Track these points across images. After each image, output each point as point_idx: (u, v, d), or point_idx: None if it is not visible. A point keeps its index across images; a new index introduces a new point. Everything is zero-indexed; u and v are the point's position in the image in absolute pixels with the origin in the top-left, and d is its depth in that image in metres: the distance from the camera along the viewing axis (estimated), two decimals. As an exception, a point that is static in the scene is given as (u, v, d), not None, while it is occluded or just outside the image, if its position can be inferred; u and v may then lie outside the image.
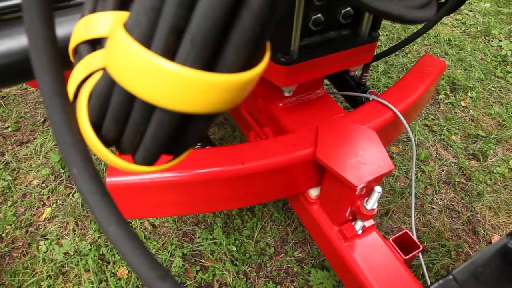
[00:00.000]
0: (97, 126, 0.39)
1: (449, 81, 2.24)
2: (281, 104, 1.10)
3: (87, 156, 0.40)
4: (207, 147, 1.11)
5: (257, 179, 0.96)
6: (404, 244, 1.11)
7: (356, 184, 0.89)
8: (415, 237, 1.20)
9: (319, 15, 0.83)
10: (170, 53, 0.28)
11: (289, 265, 1.45)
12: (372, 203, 0.97)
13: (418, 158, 1.82)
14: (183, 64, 0.27)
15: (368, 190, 0.98)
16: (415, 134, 1.91)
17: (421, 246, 1.08)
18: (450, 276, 0.54)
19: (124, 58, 0.29)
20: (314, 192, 1.11)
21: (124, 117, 0.35)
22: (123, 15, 0.35)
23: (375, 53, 1.27)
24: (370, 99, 1.15)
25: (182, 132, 0.35)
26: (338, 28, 0.90)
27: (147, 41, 0.29)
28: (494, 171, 1.79)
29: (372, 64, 2.33)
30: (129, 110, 0.34)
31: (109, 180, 0.94)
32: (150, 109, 0.32)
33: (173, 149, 0.39)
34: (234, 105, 0.33)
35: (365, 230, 1.08)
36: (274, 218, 1.57)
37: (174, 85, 0.28)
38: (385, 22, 2.70)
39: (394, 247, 1.07)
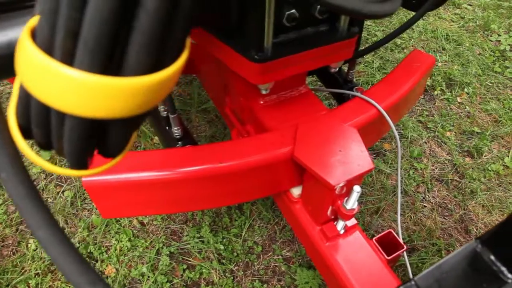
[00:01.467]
0: (28, 130, 0.38)
1: (445, 77, 2.20)
2: (262, 102, 1.08)
3: (16, 160, 0.38)
4: (187, 146, 1.10)
5: (235, 178, 0.95)
6: (388, 244, 1.09)
7: (334, 183, 0.87)
8: (399, 237, 1.18)
9: (293, 10, 0.80)
10: (69, 58, 0.27)
11: (276, 264, 1.44)
12: (352, 203, 0.95)
13: (411, 155, 1.79)
14: (80, 69, 0.26)
15: (349, 189, 0.96)
16: (409, 131, 1.88)
17: (405, 246, 1.06)
18: (412, 282, 0.53)
19: (25, 64, 0.28)
20: (296, 191, 1.10)
21: (44, 122, 0.34)
22: None
23: (361, 49, 1.24)
24: (355, 96, 1.13)
25: (102, 135, 0.33)
26: (315, 23, 0.88)
27: (49, 46, 0.27)
28: (489, 168, 1.76)
29: (367, 60, 2.30)
30: (47, 115, 0.33)
31: (85, 179, 0.93)
32: (62, 114, 0.31)
33: (103, 151, 0.38)
34: (151, 107, 0.31)
35: (348, 230, 1.06)
36: (263, 217, 1.56)
37: (74, 90, 0.27)
38: (382, 17, 2.66)
39: (377, 247, 1.05)
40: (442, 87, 2.15)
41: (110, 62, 0.27)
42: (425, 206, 1.63)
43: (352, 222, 1.06)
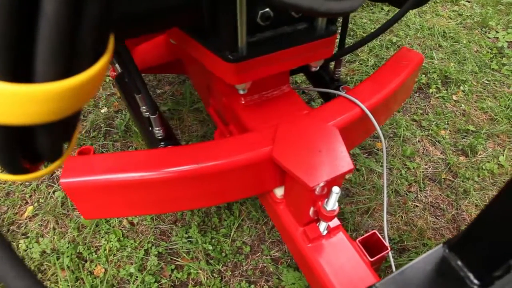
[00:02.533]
0: None
1: (441, 75, 2.17)
2: (243, 102, 1.07)
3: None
4: (167, 147, 1.10)
5: (213, 179, 0.94)
6: (373, 245, 1.07)
7: (311, 185, 0.86)
8: (385, 238, 1.16)
9: (267, 9, 0.79)
10: None
11: (264, 264, 1.43)
12: (331, 204, 0.93)
13: (404, 154, 1.77)
14: None
15: (330, 190, 0.95)
16: (402, 130, 1.86)
17: (389, 248, 1.04)
18: None
19: None
20: (279, 192, 1.08)
21: None
22: None
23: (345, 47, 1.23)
24: (338, 95, 1.11)
25: (30, 141, 0.33)
26: (291, 22, 0.87)
27: None
28: (483, 167, 1.73)
29: (362, 58, 2.28)
30: None
31: (63, 180, 0.93)
32: None
33: (41, 156, 0.37)
34: (72, 111, 0.30)
35: (331, 231, 1.05)
36: (252, 217, 1.55)
37: None
38: (378, 14, 2.63)
39: (360, 248, 1.03)
40: (438, 85, 2.12)
41: (19, 69, 0.26)
42: (417, 206, 1.61)
43: (335, 223, 1.05)
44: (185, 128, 1.93)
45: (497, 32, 2.46)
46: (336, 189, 0.90)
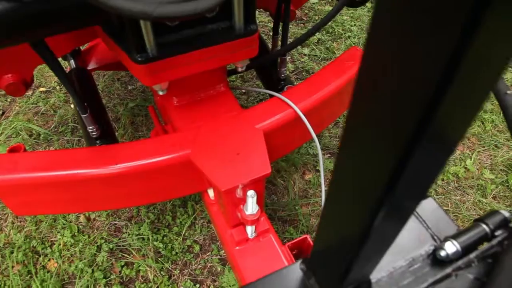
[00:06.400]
0: None
1: (417, 74, 2.12)
2: (175, 102, 1.06)
3: None
4: (98, 146, 1.09)
5: (133, 179, 0.93)
6: (306, 250, 1.06)
7: (222, 188, 0.85)
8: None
9: (173, 9, 0.77)
10: None
11: (212, 264, 1.42)
12: (250, 208, 0.92)
13: (368, 156, 1.74)
14: None
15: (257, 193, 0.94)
16: (368, 131, 1.82)
17: (318, 253, 1.02)
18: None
19: None
20: (211, 193, 1.08)
21: None
22: None
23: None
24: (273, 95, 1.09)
25: None
26: (207, 22, 0.85)
27: None
28: (449, 170, 1.69)
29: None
30: None
31: (-15, 178, 0.93)
32: None
33: None
34: None
35: (260, 234, 1.03)
36: (205, 215, 1.55)
37: None
38: (360, 11, 2.58)
39: (288, 253, 1.02)
40: (412, 85, 2.07)
41: None
42: (374, 209, 1.58)
43: (264, 226, 1.03)
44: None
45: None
46: (250, 193, 0.88)
